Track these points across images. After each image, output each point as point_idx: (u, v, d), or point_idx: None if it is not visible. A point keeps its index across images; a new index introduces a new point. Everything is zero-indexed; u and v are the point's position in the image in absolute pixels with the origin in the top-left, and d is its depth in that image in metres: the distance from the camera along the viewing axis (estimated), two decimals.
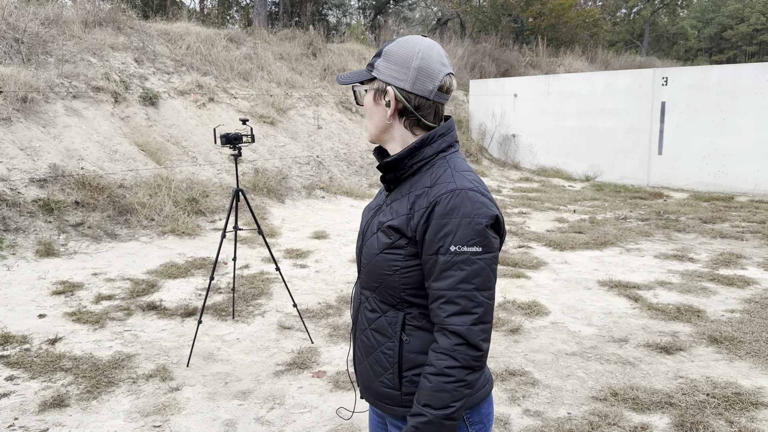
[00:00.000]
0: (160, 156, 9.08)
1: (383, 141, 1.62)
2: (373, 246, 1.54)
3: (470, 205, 1.41)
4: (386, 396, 1.57)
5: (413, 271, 1.47)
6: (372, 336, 1.58)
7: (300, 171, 10.62)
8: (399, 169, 1.55)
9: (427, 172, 1.51)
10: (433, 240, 1.42)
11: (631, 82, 12.56)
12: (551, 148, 14.07)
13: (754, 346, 4.34)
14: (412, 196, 1.49)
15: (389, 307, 1.54)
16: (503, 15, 26.54)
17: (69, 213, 7.14)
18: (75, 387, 3.79)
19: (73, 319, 4.92)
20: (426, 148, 1.52)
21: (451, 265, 1.40)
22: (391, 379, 1.54)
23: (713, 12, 55.10)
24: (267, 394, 3.76)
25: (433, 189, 1.46)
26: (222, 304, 5.30)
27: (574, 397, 3.68)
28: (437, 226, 1.41)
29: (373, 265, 1.53)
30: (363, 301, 1.62)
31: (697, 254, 7.02)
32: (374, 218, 1.59)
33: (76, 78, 9.32)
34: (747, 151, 11.09)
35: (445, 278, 1.41)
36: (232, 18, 28.79)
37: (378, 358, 1.57)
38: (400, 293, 1.50)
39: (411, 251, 1.47)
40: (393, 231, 1.49)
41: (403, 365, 1.52)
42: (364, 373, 1.63)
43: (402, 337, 1.52)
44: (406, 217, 1.47)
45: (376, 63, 1.56)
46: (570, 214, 9.60)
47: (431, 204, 1.43)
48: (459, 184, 1.44)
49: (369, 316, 1.59)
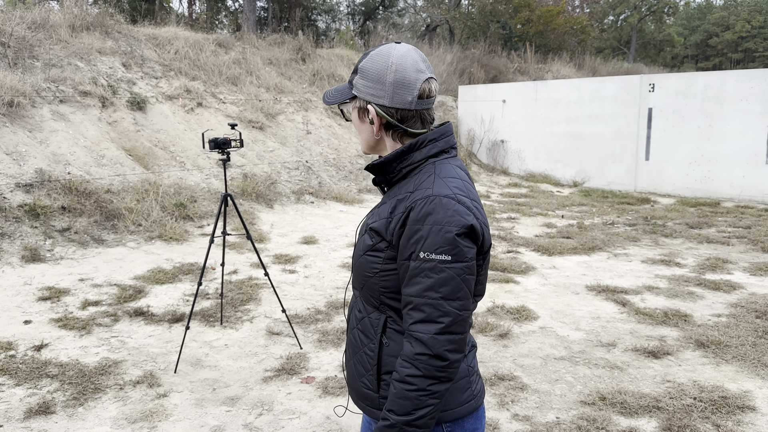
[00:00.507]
0: (147, 161, 9.03)
1: (378, 152, 1.63)
2: (359, 247, 1.56)
3: (442, 213, 1.39)
4: (366, 397, 1.58)
5: (392, 275, 1.47)
6: (358, 336, 1.60)
7: (289, 176, 10.60)
8: (388, 172, 1.55)
9: (414, 177, 1.51)
10: (406, 245, 1.42)
11: (618, 88, 12.67)
12: (539, 153, 14.15)
13: (741, 350, 4.37)
14: (395, 200, 1.50)
15: (373, 308, 1.55)
16: (492, 21, 26.70)
17: (55, 218, 7.08)
18: (61, 394, 3.75)
19: (59, 325, 4.87)
20: (415, 153, 1.51)
21: (419, 271, 1.39)
22: (371, 381, 1.55)
23: (699, 19, 55.77)
24: (255, 401, 3.74)
25: (413, 194, 1.45)
26: (210, 310, 5.27)
27: (563, 402, 3.69)
28: (410, 232, 1.41)
29: (358, 265, 1.55)
30: (354, 300, 1.65)
31: (684, 259, 7.07)
32: (367, 220, 1.62)
33: (63, 82, 9.26)
34: (733, 157, 11.21)
35: (413, 284, 1.40)
36: (220, 23, 28.76)
37: (361, 358, 1.58)
38: (380, 296, 1.51)
39: (390, 255, 1.47)
40: (374, 233, 1.50)
41: (381, 368, 1.53)
42: (350, 372, 1.65)
43: (382, 339, 1.53)
44: (386, 221, 1.48)
45: (355, 80, 1.55)
46: (558, 220, 9.65)
47: (407, 209, 1.43)
48: (436, 190, 1.42)
49: (357, 316, 1.61)
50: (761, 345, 4.46)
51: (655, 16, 42.67)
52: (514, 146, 14.59)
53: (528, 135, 14.30)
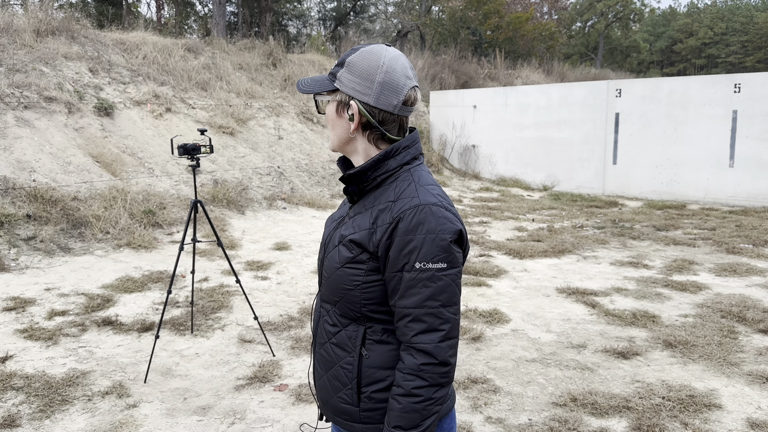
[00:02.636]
0: (115, 167, 8.89)
1: (346, 152, 1.57)
2: (334, 259, 1.49)
3: (434, 221, 1.38)
4: (344, 412, 1.53)
5: (375, 286, 1.44)
6: (332, 350, 1.54)
7: (261, 182, 10.53)
8: (362, 181, 1.51)
9: (391, 186, 1.48)
10: (398, 257, 1.39)
11: (586, 93, 12.87)
12: (510, 158, 14.29)
13: (707, 350, 4.46)
14: (375, 210, 1.46)
15: (350, 321, 1.50)
16: (462, 28, 26.94)
17: (20, 226, 6.92)
18: (27, 406, 3.66)
19: (24, 336, 4.76)
20: (390, 161, 1.49)
21: (416, 282, 1.37)
22: (350, 395, 1.50)
23: (664, 26, 57.03)
24: (227, 409, 3.70)
25: (396, 204, 1.42)
26: (180, 319, 5.20)
27: (535, 403, 3.72)
28: (401, 243, 1.38)
29: (335, 278, 1.49)
30: (323, 314, 1.58)
31: (651, 261, 7.20)
32: (336, 230, 1.55)
33: (27, 88, 9.07)
34: (697, 160, 11.47)
35: (411, 296, 1.38)
36: (190, 28, 28.48)
37: (337, 373, 1.53)
38: (361, 308, 1.46)
39: (372, 266, 1.43)
40: (354, 245, 1.45)
41: (362, 381, 1.49)
42: (323, 387, 1.58)
43: (362, 351, 1.48)
44: (368, 232, 1.44)
45: (339, 73, 1.50)
46: (529, 223, 9.75)
47: (395, 220, 1.40)
48: (423, 199, 1.41)
49: (329, 330, 1.55)
50: (726, 344, 4.57)
51: (621, 23, 43.53)
52: (486, 151, 14.71)
53: (499, 140, 14.44)
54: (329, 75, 1.53)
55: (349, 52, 1.50)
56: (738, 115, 10.97)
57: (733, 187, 11.09)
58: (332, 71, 1.52)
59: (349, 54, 1.50)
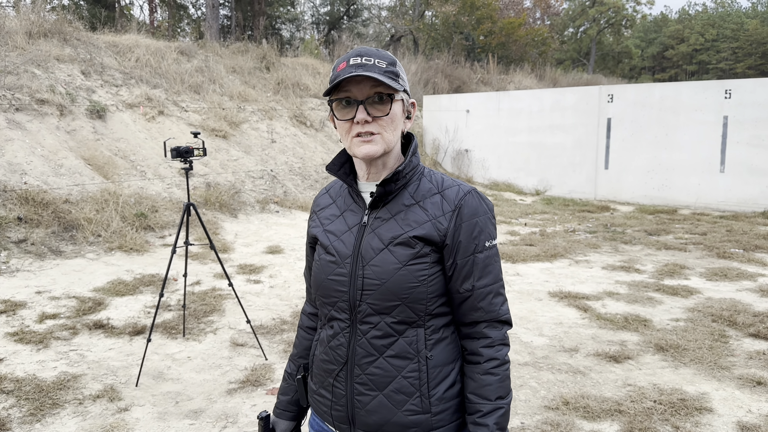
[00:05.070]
0: (107, 170, 8.85)
1: (388, 153, 1.51)
2: (390, 261, 1.43)
3: (484, 203, 1.50)
4: (413, 424, 1.45)
5: (437, 278, 1.46)
6: (388, 364, 1.45)
7: (254, 185, 10.52)
8: (396, 180, 1.48)
9: (422, 180, 1.51)
10: (470, 241, 1.45)
11: (578, 99, 12.94)
12: (503, 162, 14.34)
13: (698, 354, 4.49)
14: (426, 203, 1.47)
15: (406, 326, 1.45)
16: (455, 33, 27.03)
17: (11, 229, 6.87)
18: (17, 410, 3.64)
19: (15, 340, 4.73)
20: (413, 158, 1.52)
21: (489, 260, 1.48)
22: (419, 403, 1.45)
23: (655, 32, 57.42)
24: (219, 413, 3.69)
25: (447, 192, 1.48)
26: (172, 322, 5.18)
27: (527, 407, 3.73)
28: (469, 227, 1.45)
29: (397, 280, 1.42)
30: (364, 332, 1.47)
31: (643, 265, 7.23)
32: (366, 236, 1.48)
33: (19, 90, 9.02)
34: (689, 165, 11.54)
35: (488, 274, 1.47)
36: (183, 31, 28.43)
37: (399, 385, 1.45)
38: (426, 304, 1.44)
39: (435, 258, 1.45)
40: (418, 240, 1.43)
41: (431, 383, 1.46)
42: (376, 410, 1.46)
43: (426, 354, 1.45)
44: (431, 224, 1.44)
45: (401, 74, 1.47)
46: (521, 227, 9.78)
47: (456, 207, 1.45)
48: (465, 186, 1.50)
49: (380, 344, 1.45)
50: (717, 348, 4.59)
51: (613, 29, 43.80)
52: (478, 155, 14.75)
53: (491, 144, 14.49)
54: (391, 74, 1.43)
55: (380, 52, 1.45)
56: (729, 120, 11.06)
57: (724, 192, 11.17)
58: (392, 71, 1.44)
59: (383, 54, 1.45)
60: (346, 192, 1.59)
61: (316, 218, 1.63)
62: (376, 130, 1.43)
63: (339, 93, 1.43)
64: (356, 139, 1.44)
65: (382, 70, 1.41)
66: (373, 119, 1.42)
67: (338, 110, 1.46)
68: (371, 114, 1.42)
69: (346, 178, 1.54)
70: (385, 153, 1.46)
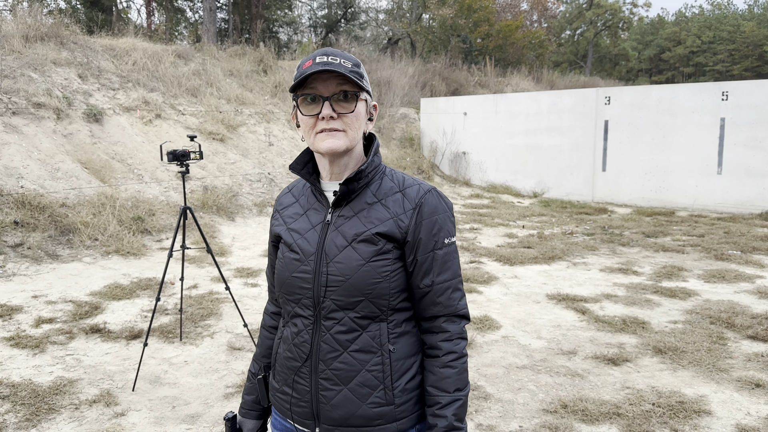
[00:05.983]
0: (104, 174, 8.83)
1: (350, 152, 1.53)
2: (352, 258, 1.46)
3: (444, 201, 1.54)
4: (378, 416, 1.49)
5: (399, 274, 1.50)
6: (352, 358, 1.48)
7: (251, 188, 10.50)
8: (360, 179, 1.51)
9: (383, 179, 1.55)
10: (430, 238, 1.49)
11: (575, 101, 12.95)
12: (500, 165, 14.34)
13: (696, 356, 4.48)
14: (387, 201, 1.51)
15: (369, 321, 1.48)
16: (452, 36, 27.07)
17: (7, 233, 6.85)
18: (13, 415, 3.61)
19: (11, 344, 4.70)
20: (375, 157, 1.55)
21: (448, 256, 1.53)
22: (383, 396, 1.48)
23: (652, 34, 57.53)
24: (216, 418, 3.67)
25: (408, 191, 1.52)
26: (169, 326, 5.16)
27: (526, 410, 3.72)
28: (429, 225, 1.49)
29: (360, 276, 1.45)
30: (329, 328, 1.49)
31: (640, 267, 7.23)
32: (330, 234, 1.50)
33: (15, 94, 9.01)
34: (686, 167, 11.55)
35: (447, 270, 1.52)
36: (180, 34, 28.43)
37: (363, 379, 1.48)
38: (389, 299, 1.48)
39: (397, 254, 1.49)
40: (381, 237, 1.47)
41: (393, 376, 1.49)
42: (341, 404, 1.49)
43: (389, 347, 1.50)
44: (392, 222, 1.48)
45: (365, 76, 1.51)
46: (519, 230, 9.78)
47: (417, 205, 1.49)
48: (426, 185, 1.54)
49: (345, 339, 1.48)
50: (715, 350, 4.58)
51: (610, 31, 43.89)
52: (476, 158, 14.76)
53: (489, 147, 14.49)
54: (356, 74, 1.46)
55: (345, 53, 1.49)
56: (726, 122, 11.08)
57: (721, 194, 11.18)
58: (357, 71, 1.47)
59: (348, 55, 1.49)
60: (309, 191, 1.62)
61: (279, 217, 1.65)
62: (341, 126, 1.46)
63: (305, 89, 1.47)
64: (320, 134, 1.47)
65: (348, 70, 1.44)
66: (339, 116, 1.46)
67: (303, 106, 1.48)
68: (336, 110, 1.45)
69: (309, 177, 1.56)
70: (347, 149, 1.49)
